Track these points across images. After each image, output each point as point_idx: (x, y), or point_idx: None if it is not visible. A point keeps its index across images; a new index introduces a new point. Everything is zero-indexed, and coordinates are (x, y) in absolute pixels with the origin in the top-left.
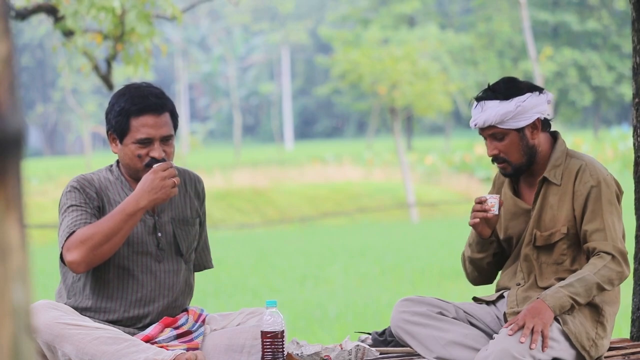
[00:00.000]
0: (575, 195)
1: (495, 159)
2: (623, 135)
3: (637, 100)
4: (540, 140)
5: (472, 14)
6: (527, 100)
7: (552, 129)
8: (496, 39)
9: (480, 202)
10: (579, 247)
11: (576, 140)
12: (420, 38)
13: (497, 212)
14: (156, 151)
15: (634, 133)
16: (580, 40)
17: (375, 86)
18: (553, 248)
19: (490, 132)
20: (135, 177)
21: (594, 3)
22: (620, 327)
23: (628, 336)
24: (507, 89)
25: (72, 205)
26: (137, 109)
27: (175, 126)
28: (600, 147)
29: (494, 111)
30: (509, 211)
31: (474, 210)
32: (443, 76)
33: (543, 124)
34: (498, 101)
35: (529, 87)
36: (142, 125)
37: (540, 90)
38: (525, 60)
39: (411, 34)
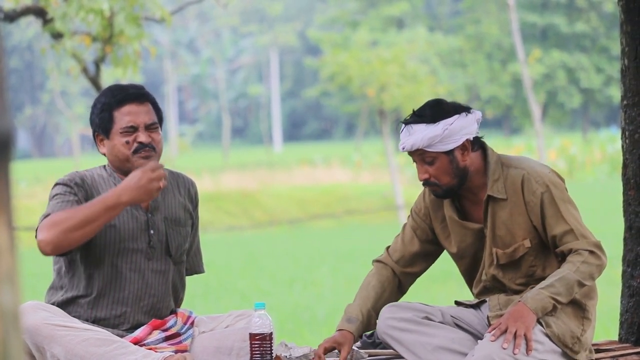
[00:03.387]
0: (528, 207)
1: (426, 183)
2: (611, 137)
3: (625, 102)
4: (472, 159)
5: (461, 16)
6: (454, 122)
7: (544, 132)
8: (485, 41)
9: None
10: (546, 253)
11: (565, 142)
12: (408, 40)
13: None
14: (142, 136)
15: (622, 135)
16: (569, 43)
17: (364, 88)
18: (520, 263)
19: (419, 156)
20: (126, 170)
21: (583, 5)
22: (608, 329)
23: (616, 338)
24: (433, 112)
25: (57, 194)
26: (118, 100)
27: (160, 119)
28: (588, 149)
29: (421, 135)
30: (458, 234)
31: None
32: (432, 78)
33: (473, 144)
34: (425, 124)
35: (455, 109)
36: (125, 114)
37: (467, 110)
38: (514, 63)
39: (400, 36)
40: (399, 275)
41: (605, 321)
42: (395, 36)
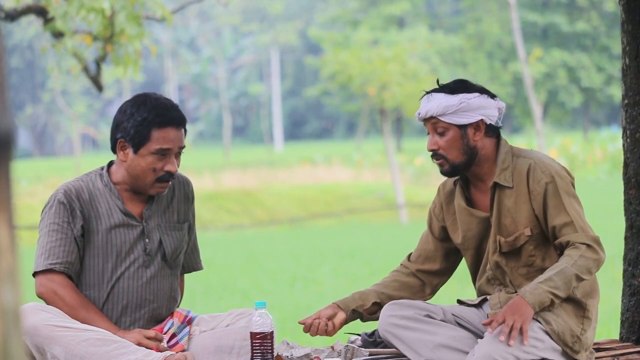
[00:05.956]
0: (532, 196)
1: (434, 154)
2: (612, 136)
3: (626, 101)
4: (485, 144)
5: (462, 15)
6: (473, 98)
7: (545, 131)
8: (486, 40)
9: None
10: (546, 244)
11: (565, 141)
12: (409, 39)
13: None
14: (172, 165)
15: (623, 134)
16: (570, 42)
17: (365, 87)
18: (520, 251)
19: (432, 124)
20: (137, 188)
21: (584, 4)
22: (609, 328)
23: (617, 337)
24: (455, 85)
25: (53, 224)
26: (161, 120)
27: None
28: (589, 148)
29: (437, 102)
30: (465, 222)
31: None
32: (432, 77)
33: (489, 129)
34: (444, 94)
35: (479, 90)
36: (164, 137)
37: (491, 95)
38: (515, 62)
39: (400, 35)
40: (416, 274)
41: (607, 320)
42: (396, 35)
